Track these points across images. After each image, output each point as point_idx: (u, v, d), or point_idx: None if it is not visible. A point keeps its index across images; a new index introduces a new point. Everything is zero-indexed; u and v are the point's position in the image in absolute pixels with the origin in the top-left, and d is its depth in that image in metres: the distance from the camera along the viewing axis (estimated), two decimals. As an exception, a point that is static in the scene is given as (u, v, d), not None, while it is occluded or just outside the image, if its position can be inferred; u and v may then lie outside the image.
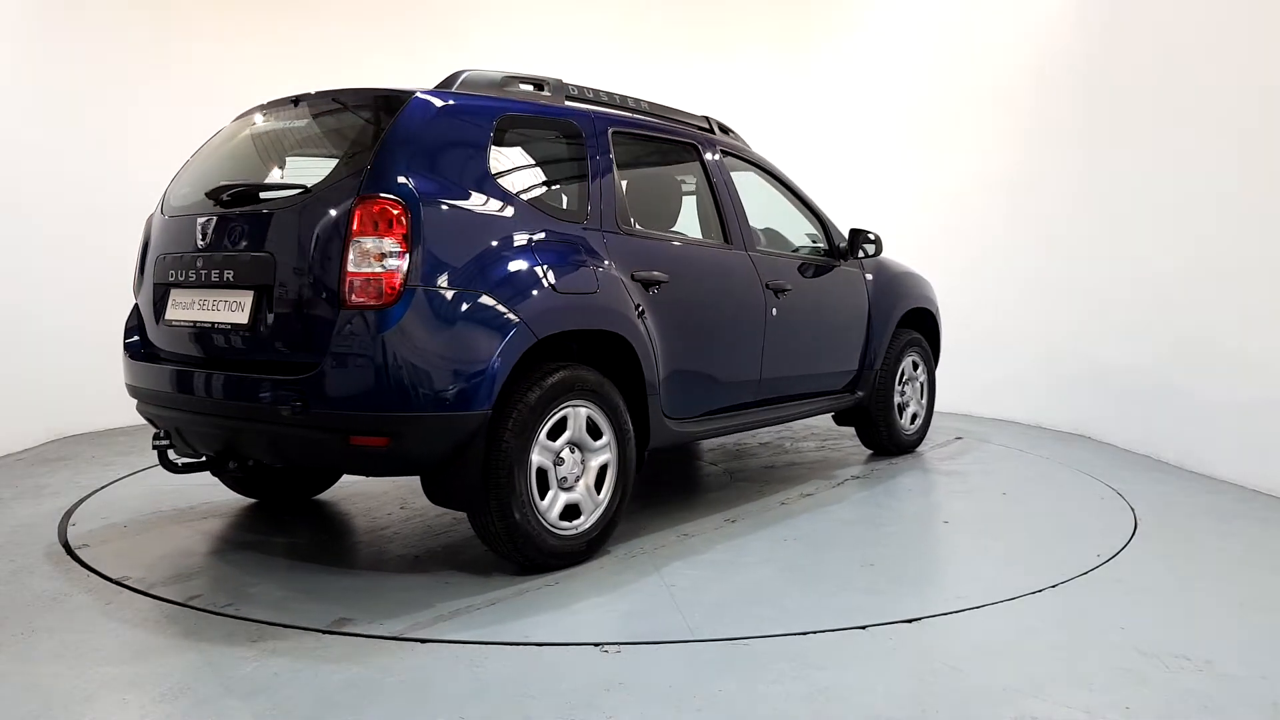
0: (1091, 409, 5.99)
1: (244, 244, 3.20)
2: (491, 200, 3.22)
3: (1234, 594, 3.19)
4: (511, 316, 3.09)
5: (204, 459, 3.57)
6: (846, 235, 5.01)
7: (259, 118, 3.68)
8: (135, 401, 3.68)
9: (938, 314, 5.73)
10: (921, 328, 5.62)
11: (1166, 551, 3.68)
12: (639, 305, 3.59)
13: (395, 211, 2.94)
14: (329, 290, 2.96)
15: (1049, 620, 2.94)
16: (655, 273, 3.69)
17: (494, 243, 3.16)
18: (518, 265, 3.19)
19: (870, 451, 5.54)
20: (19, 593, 3.17)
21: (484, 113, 3.34)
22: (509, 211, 3.26)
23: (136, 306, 3.75)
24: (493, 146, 3.31)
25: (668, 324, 3.72)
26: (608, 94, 4.06)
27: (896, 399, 5.31)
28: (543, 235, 3.33)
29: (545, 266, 3.26)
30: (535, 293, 3.19)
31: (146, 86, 6.52)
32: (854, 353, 5.01)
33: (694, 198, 4.76)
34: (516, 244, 3.22)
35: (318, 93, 3.48)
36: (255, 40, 6.93)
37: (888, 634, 2.81)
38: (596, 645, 2.71)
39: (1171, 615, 2.99)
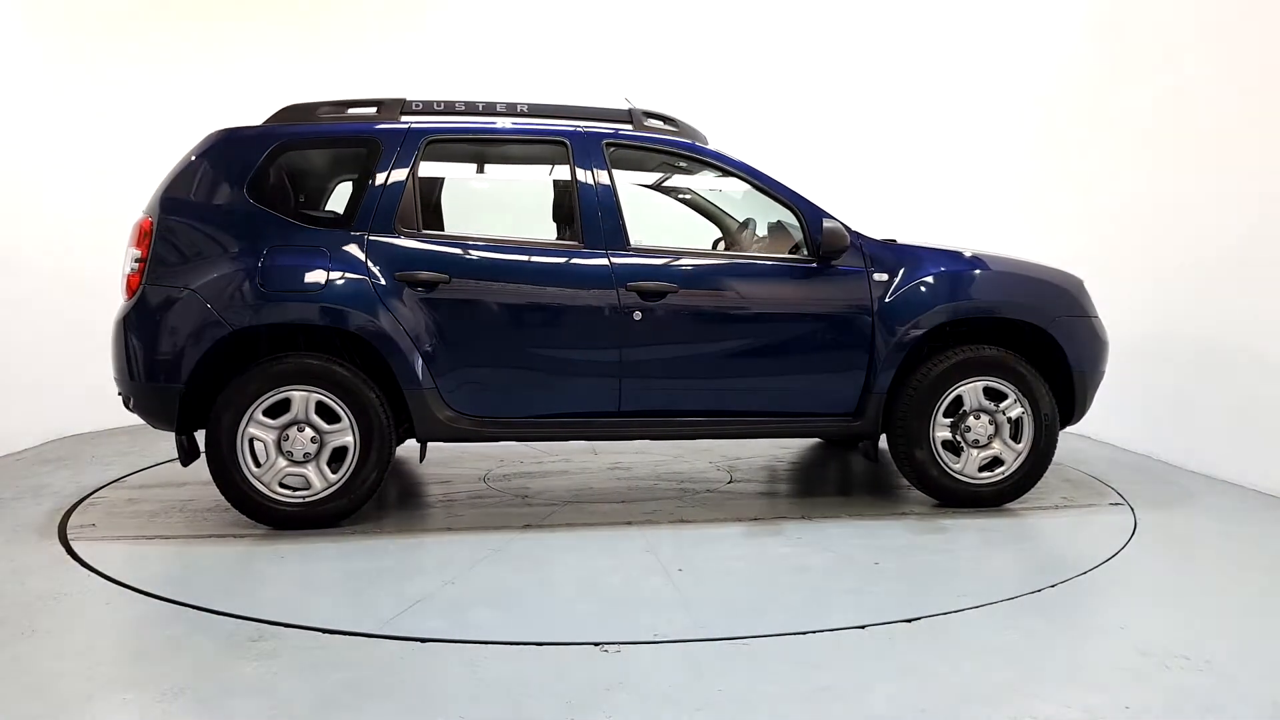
0: (1092, 409, 5.98)
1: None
2: (236, 215, 3.84)
3: (1234, 594, 3.19)
4: (210, 311, 3.71)
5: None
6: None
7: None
8: None
9: (1062, 329, 4.22)
10: (1029, 345, 4.26)
11: (1166, 551, 3.68)
12: (395, 304, 3.80)
13: (144, 225, 3.82)
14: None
15: (1049, 620, 2.94)
16: (425, 273, 3.83)
17: (219, 250, 3.80)
18: (231, 269, 3.76)
19: (935, 501, 4.23)
20: (19, 593, 3.18)
21: (258, 141, 3.92)
22: (249, 223, 3.82)
23: None
24: (261, 168, 3.87)
25: (447, 323, 3.86)
26: (466, 103, 4.19)
27: (938, 434, 4.10)
28: (276, 242, 3.81)
29: (262, 270, 3.76)
30: (238, 292, 3.74)
31: (149, 85, 6.49)
32: (841, 369, 4.11)
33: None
34: (240, 251, 3.79)
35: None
36: (260, 42, 6.92)
37: (887, 634, 2.81)
38: (597, 645, 2.71)
39: (1171, 615, 2.99)
